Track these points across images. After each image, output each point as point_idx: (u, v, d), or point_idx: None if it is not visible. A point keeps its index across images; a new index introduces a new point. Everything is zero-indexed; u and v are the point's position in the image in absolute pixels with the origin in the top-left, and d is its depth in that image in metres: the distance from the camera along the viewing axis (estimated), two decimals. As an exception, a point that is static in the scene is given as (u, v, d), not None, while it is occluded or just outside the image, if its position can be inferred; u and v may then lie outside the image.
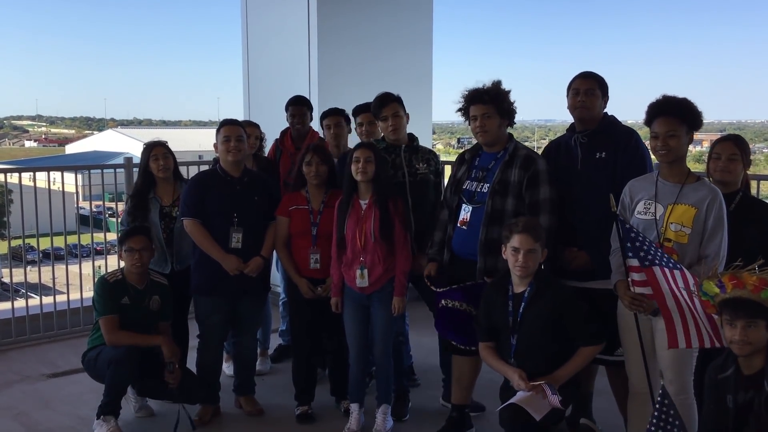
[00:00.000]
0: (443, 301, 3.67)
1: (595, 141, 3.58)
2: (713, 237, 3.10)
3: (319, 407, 4.28)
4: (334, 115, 4.68)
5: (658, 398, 2.64)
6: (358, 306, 3.96)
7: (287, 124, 5.03)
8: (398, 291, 3.87)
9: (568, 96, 3.64)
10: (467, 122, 3.71)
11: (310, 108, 5.07)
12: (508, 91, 3.64)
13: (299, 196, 4.13)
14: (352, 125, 4.65)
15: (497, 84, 3.64)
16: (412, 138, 4.28)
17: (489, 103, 3.60)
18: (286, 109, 5.02)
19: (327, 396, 4.36)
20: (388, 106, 4.15)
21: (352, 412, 4.04)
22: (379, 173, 3.84)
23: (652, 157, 3.51)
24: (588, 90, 3.58)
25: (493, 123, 3.61)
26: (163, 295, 4.09)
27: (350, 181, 3.88)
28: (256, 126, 4.87)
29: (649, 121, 3.24)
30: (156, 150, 4.28)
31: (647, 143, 3.49)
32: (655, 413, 2.61)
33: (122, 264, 4.08)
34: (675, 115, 3.17)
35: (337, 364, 4.29)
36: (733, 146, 3.47)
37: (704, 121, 3.26)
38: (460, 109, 3.71)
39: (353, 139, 4.66)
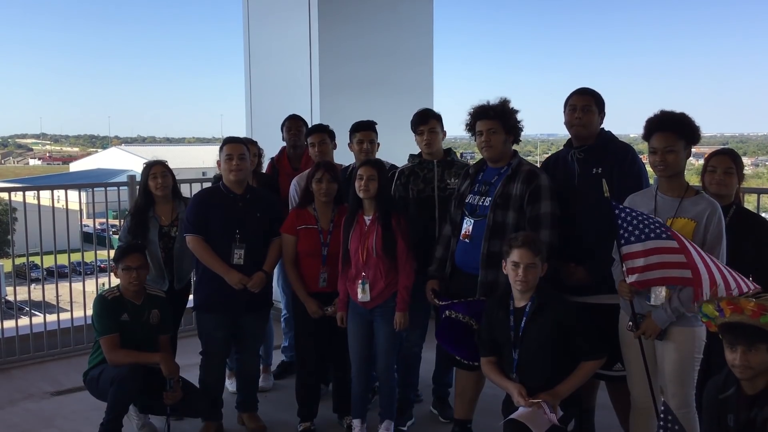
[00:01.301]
0: (446, 312, 3.68)
1: (591, 157, 3.60)
2: (713, 249, 3.10)
3: (322, 423, 4.28)
4: (318, 132, 4.66)
5: (662, 414, 2.64)
6: (361, 321, 3.97)
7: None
8: (400, 306, 3.88)
9: (565, 112, 3.68)
10: (473, 137, 3.74)
11: (306, 125, 5.11)
12: (516, 111, 3.68)
13: (306, 214, 4.13)
14: (343, 140, 4.63)
15: (505, 101, 3.68)
16: (447, 152, 4.28)
17: (495, 119, 3.63)
18: (282, 127, 5.08)
19: (329, 412, 4.36)
20: (427, 123, 4.17)
21: (354, 428, 4.04)
22: (382, 190, 3.87)
23: (649, 171, 3.53)
24: (585, 106, 3.61)
25: (498, 138, 3.64)
26: (161, 308, 4.10)
27: (356, 198, 3.92)
28: (254, 143, 4.90)
29: (647, 137, 3.25)
30: (155, 169, 4.33)
31: (644, 157, 3.51)
32: (660, 430, 2.61)
33: (118, 281, 4.07)
34: (673, 130, 3.18)
35: (341, 380, 4.29)
36: (728, 160, 3.53)
37: (706, 135, 3.29)
38: (467, 125, 3.74)
39: (344, 156, 4.68)
